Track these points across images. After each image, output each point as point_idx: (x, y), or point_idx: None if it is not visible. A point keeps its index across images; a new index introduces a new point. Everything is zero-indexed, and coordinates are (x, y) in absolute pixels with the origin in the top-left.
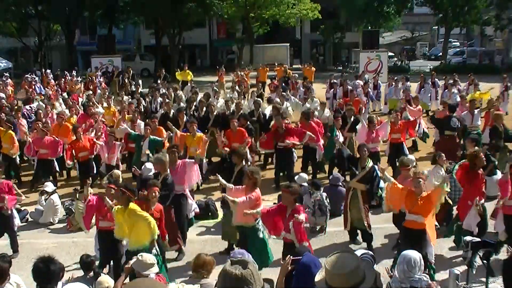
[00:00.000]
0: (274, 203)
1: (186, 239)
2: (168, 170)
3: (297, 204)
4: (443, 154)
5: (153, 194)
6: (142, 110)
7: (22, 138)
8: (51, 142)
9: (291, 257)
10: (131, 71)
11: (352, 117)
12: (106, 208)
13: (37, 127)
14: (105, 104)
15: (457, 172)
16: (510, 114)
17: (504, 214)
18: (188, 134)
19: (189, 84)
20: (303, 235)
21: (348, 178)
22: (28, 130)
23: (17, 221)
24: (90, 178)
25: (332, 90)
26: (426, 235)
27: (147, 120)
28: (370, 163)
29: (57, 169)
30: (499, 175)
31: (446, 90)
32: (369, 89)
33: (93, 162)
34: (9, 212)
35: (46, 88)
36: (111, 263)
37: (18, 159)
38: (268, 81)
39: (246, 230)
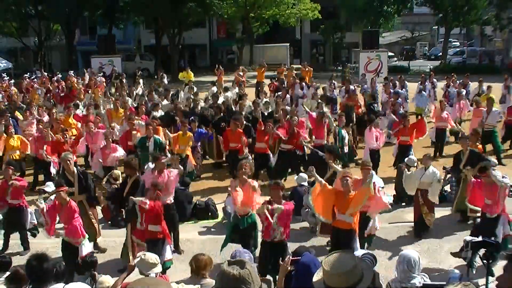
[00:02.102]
0: None
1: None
2: None
3: (285, 201)
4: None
5: (154, 194)
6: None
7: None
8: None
9: (291, 257)
10: (139, 71)
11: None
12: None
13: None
14: (111, 106)
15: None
16: None
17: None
18: (180, 133)
19: (187, 85)
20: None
21: None
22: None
23: (31, 219)
24: None
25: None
26: (355, 235)
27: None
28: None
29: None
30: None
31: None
32: (391, 90)
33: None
34: (25, 209)
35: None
36: None
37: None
38: (267, 81)
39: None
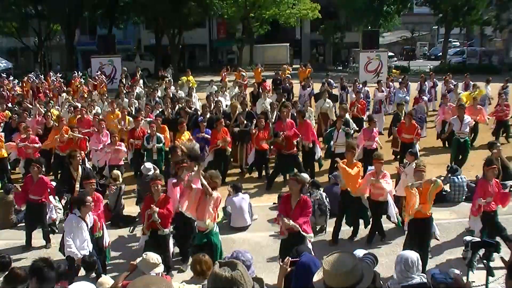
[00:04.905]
0: (274, 203)
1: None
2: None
3: (302, 195)
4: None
5: (155, 187)
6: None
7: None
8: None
9: (290, 258)
10: (139, 70)
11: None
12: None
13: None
14: (109, 108)
15: None
16: None
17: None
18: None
19: (185, 87)
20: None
21: None
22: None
23: (51, 214)
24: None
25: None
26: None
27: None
28: None
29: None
30: None
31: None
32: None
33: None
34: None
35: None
36: None
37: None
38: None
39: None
